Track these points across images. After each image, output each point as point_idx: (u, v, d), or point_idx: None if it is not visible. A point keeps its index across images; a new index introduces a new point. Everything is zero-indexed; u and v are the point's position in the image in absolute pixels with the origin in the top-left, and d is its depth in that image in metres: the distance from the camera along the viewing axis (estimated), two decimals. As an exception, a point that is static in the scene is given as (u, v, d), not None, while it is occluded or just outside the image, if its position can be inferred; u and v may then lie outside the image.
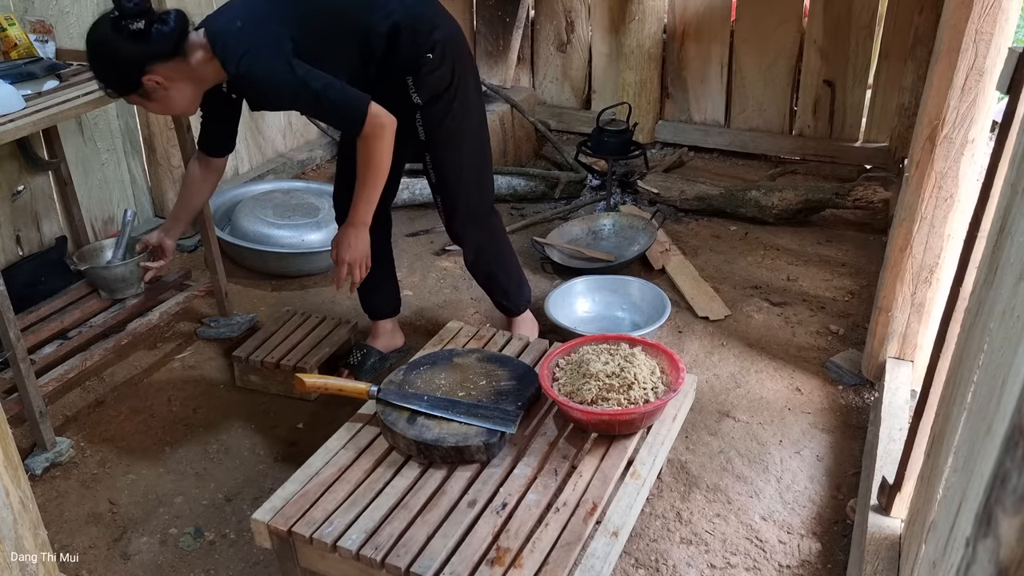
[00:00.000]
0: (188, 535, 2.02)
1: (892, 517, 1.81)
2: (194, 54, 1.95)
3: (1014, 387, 0.75)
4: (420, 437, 1.76)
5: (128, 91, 1.96)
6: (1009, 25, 1.90)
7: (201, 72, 1.97)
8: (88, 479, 2.20)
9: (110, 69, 1.94)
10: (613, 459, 1.79)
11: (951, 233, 2.15)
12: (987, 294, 1.21)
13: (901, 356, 2.38)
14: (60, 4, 2.78)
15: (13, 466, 1.03)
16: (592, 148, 3.58)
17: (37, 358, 2.35)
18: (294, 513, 1.65)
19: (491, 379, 1.98)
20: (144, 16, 1.87)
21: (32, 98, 2.24)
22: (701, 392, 2.47)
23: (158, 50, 1.89)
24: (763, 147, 4.12)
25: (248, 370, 2.51)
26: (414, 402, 1.84)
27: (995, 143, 1.45)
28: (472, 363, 2.05)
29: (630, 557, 1.92)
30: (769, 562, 1.91)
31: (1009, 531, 0.59)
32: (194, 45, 1.95)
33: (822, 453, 2.24)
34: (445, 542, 1.57)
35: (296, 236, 3.14)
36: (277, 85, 1.94)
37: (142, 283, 2.60)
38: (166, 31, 1.90)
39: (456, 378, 1.98)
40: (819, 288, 3.03)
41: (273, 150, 3.97)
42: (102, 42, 1.89)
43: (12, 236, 2.74)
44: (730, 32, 4.01)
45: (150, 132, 3.19)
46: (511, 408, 1.84)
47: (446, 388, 1.94)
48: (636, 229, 3.25)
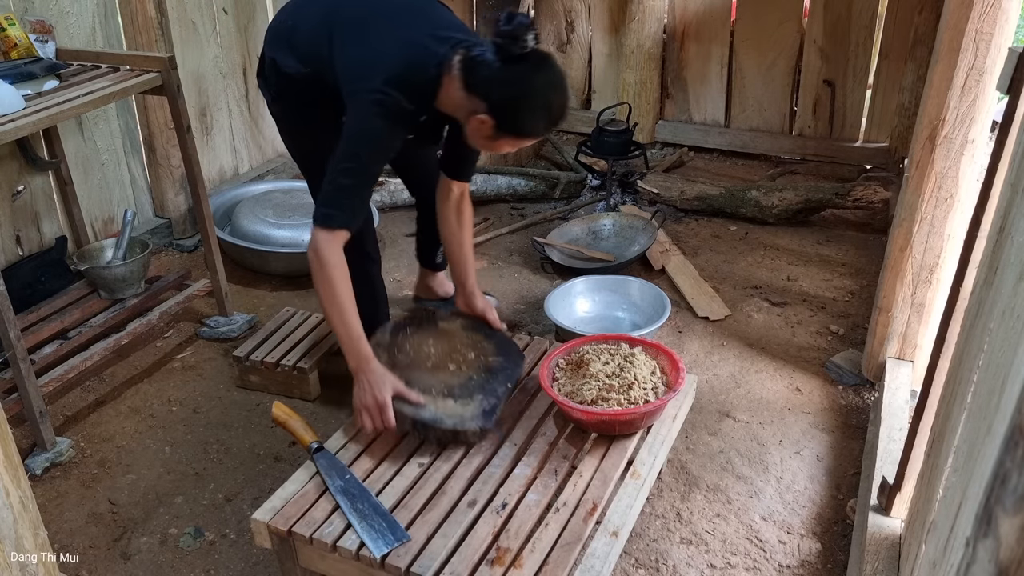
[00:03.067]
0: (188, 535, 2.02)
1: (892, 517, 1.81)
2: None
3: (1014, 387, 0.75)
4: (418, 416, 1.80)
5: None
6: (1009, 25, 1.90)
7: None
8: (88, 479, 2.20)
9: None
10: (613, 459, 1.79)
11: (951, 233, 2.15)
12: (987, 294, 1.21)
13: (901, 356, 2.38)
14: (60, 4, 2.78)
15: (13, 466, 1.03)
16: (592, 148, 3.58)
17: (37, 358, 2.35)
18: (294, 513, 1.65)
19: (479, 352, 1.97)
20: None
21: (32, 98, 2.24)
22: (701, 392, 2.47)
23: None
24: (763, 147, 4.12)
25: (248, 370, 2.50)
26: (335, 477, 1.72)
27: (995, 143, 1.45)
28: (458, 330, 2.04)
29: (630, 557, 1.92)
30: (769, 562, 1.91)
31: (1009, 531, 0.59)
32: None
33: (822, 453, 2.24)
34: (445, 542, 1.57)
35: (296, 236, 3.14)
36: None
37: (142, 283, 2.60)
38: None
39: (445, 348, 1.95)
40: (819, 288, 3.03)
41: (273, 150, 3.97)
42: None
43: (12, 236, 2.74)
44: (730, 32, 4.01)
45: (150, 132, 3.19)
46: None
47: (436, 359, 1.92)
48: (636, 229, 3.25)
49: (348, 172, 1.85)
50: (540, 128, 1.86)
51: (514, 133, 1.83)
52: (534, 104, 1.80)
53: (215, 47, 3.50)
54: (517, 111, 1.80)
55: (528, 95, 1.79)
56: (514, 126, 1.82)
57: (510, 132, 1.83)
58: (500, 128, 1.81)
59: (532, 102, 1.80)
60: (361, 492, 1.68)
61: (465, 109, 1.83)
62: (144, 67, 2.45)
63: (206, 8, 3.41)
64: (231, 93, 3.64)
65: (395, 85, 1.80)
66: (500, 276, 2.89)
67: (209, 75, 3.50)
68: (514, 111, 1.80)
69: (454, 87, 1.83)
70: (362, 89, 1.83)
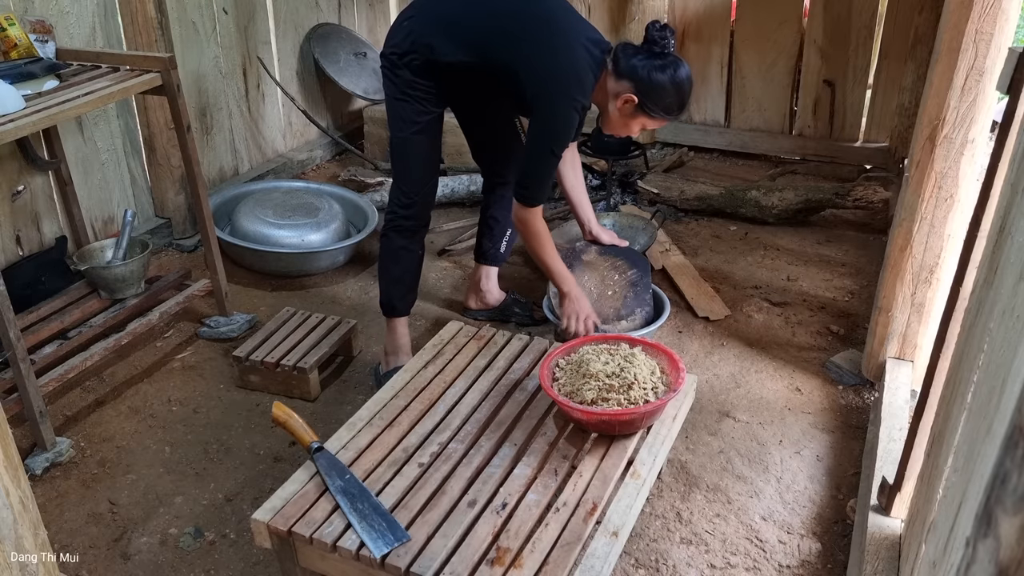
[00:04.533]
0: (188, 535, 2.02)
1: (892, 517, 1.81)
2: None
3: (1014, 387, 0.75)
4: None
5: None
6: (1009, 25, 1.90)
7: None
8: (88, 479, 2.20)
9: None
10: (613, 459, 1.79)
11: (951, 233, 2.15)
12: (987, 294, 1.21)
13: (901, 356, 2.38)
14: (60, 4, 2.78)
15: (13, 466, 1.03)
16: (592, 148, 3.58)
17: (37, 358, 2.35)
18: (294, 513, 1.64)
19: (620, 272, 2.56)
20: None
21: (32, 98, 2.24)
22: (701, 392, 2.47)
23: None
24: (763, 147, 4.12)
25: (248, 370, 2.50)
26: (335, 477, 1.73)
27: (995, 143, 1.45)
28: (595, 258, 2.61)
29: (630, 557, 1.92)
30: (769, 562, 1.91)
31: (1009, 531, 0.59)
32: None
33: (822, 453, 2.24)
34: (445, 542, 1.57)
35: (296, 236, 3.14)
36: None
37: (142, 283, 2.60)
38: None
39: (597, 279, 2.56)
40: (819, 288, 3.03)
41: (273, 150, 3.97)
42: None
43: (12, 236, 2.74)
44: (730, 32, 4.01)
45: (150, 132, 3.19)
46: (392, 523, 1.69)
47: (598, 291, 2.53)
48: (636, 229, 3.25)
49: (545, 163, 2.25)
50: (673, 108, 2.21)
51: (650, 112, 2.21)
52: (670, 89, 2.18)
53: (215, 47, 3.50)
54: (657, 92, 2.18)
55: (667, 81, 2.17)
56: (653, 105, 2.19)
57: (647, 111, 2.21)
58: (641, 106, 2.20)
59: (669, 87, 2.17)
60: (361, 492, 1.68)
61: (611, 93, 2.23)
62: (144, 67, 2.45)
63: (206, 8, 3.41)
64: (231, 93, 3.64)
65: (582, 91, 2.19)
66: (500, 275, 2.89)
67: (209, 75, 3.50)
68: (655, 92, 2.17)
69: (605, 79, 2.23)
70: (559, 95, 2.18)
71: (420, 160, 2.39)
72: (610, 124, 2.33)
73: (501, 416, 1.93)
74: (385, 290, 2.51)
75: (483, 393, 2.01)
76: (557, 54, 2.18)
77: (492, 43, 2.22)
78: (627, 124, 2.29)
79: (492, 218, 2.73)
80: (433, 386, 2.04)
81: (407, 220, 2.43)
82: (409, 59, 2.26)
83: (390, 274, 2.50)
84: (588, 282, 2.56)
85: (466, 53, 2.22)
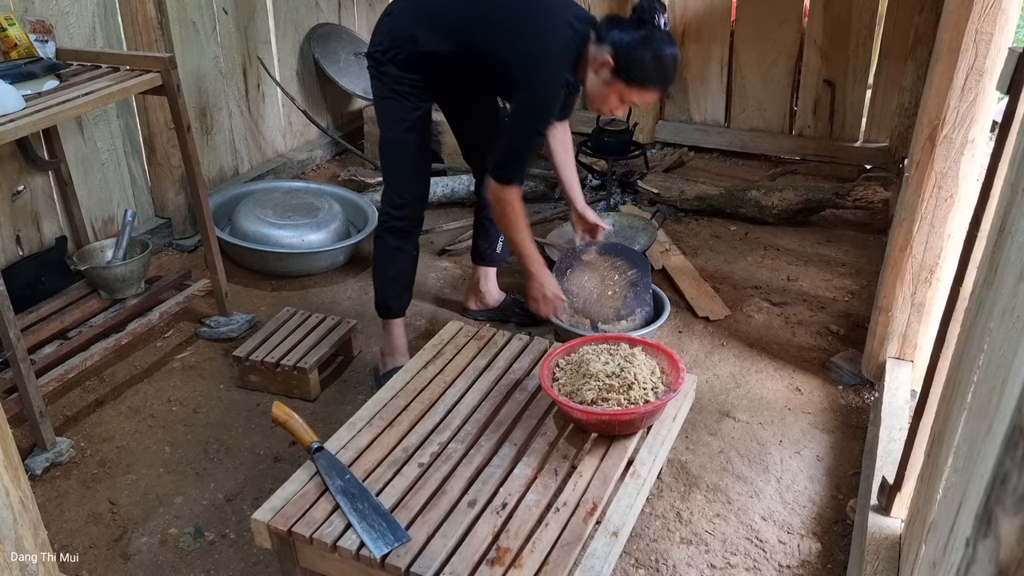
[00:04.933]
0: (188, 535, 2.02)
1: (892, 517, 1.81)
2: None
3: (1014, 387, 0.75)
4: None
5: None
6: (1009, 25, 1.90)
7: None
8: (88, 479, 2.20)
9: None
10: (613, 459, 1.79)
11: (951, 233, 2.15)
12: (987, 294, 1.21)
13: (901, 356, 2.38)
14: (60, 4, 2.78)
15: (13, 466, 1.03)
16: (592, 148, 3.58)
17: (37, 358, 2.35)
18: (294, 513, 1.64)
19: (620, 272, 2.55)
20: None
21: (32, 98, 2.24)
22: (701, 392, 2.47)
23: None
24: (763, 147, 4.12)
25: (248, 370, 2.50)
26: (335, 477, 1.73)
27: (995, 143, 1.45)
28: (595, 258, 2.60)
29: (630, 557, 1.92)
30: (769, 562, 1.91)
31: (1009, 531, 0.59)
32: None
33: (822, 453, 2.24)
34: (445, 542, 1.57)
35: (296, 236, 3.14)
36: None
37: (142, 283, 2.60)
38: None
39: (596, 279, 2.55)
40: (819, 288, 3.03)
41: (273, 150, 3.97)
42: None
43: (12, 236, 2.74)
44: (730, 32, 4.01)
45: (150, 132, 3.19)
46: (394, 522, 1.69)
47: (598, 291, 2.52)
48: (636, 229, 3.25)
49: (526, 140, 2.22)
50: (651, 77, 2.12)
51: (626, 78, 2.12)
52: (648, 54, 2.09)
53: (215, 47, 3.50)
54: (634, 55, 2.09)
55: (645, 45, 2.08)
56: (629, 70, 2.10)
57: (623, 77, 2.12)
58: (617, 72, 2.11)
59: (646, 52, 2.09)
60: (361, 492, 1.68)
61: (591, 60, 2.16)
62: (144, 67, 2.44)
63: (206, 8, 3.41)
64: (231, 93, 3.64)
65: (566, 66, 2.16)
66: (500, 275, 2.89)
67: (209, 75, 3.50)
68: (632, 55, 2.09)
69: (587, 50, 2.17)
70: (542, 72, 2.14)
71: (411, 159, 2.38)
72: (590, 96, 2.24)
73: (501, 416, 1.93)
74: (380, 291, 2.51)
75: (483, 393, 2.01)
76: (540, 35, 2.17)
77: (476, 31, 2.21)
78: (606, 95, 2.18)
79: (487, 219, 2.71)
80: (433, 386, 2.04)
81: (400, 221, 2.42)
82: (392, 54, 2.26)
83: (385, 275, 2.49)
84: (588, 282, 2.57)
85: (451, 43, 2.22)
